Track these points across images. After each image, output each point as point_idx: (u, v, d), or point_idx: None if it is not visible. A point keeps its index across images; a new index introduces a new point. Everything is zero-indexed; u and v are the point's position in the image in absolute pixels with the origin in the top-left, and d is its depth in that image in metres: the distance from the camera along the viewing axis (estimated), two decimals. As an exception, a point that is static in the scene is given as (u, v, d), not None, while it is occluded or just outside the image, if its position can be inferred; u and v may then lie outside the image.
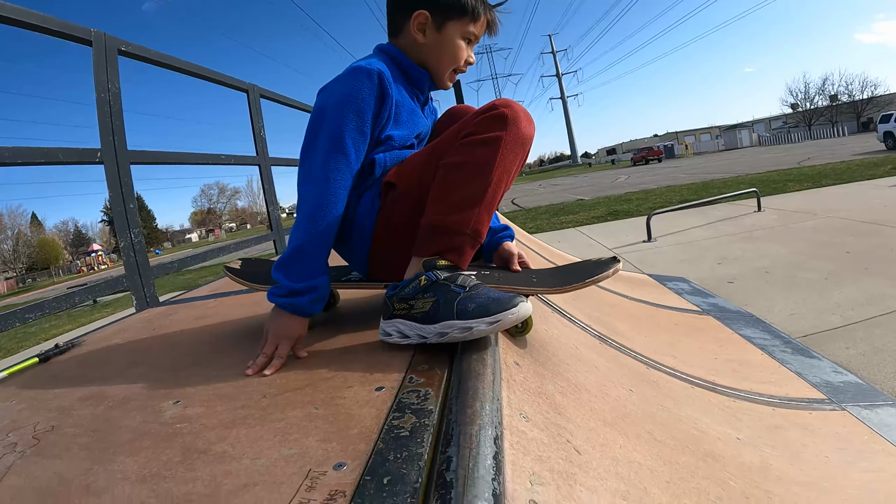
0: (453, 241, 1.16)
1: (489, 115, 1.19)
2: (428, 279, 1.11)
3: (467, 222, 1.15)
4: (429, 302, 1.09)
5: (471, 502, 0.55)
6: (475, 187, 1.16)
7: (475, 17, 1.43)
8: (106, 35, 2.67)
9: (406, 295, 1.12)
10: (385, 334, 1.15)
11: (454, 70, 1.49)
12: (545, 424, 0.92)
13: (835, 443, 1.80)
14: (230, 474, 0.67)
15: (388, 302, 1.16)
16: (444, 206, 1.17)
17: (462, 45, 1.45)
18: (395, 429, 0.72)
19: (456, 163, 1.19)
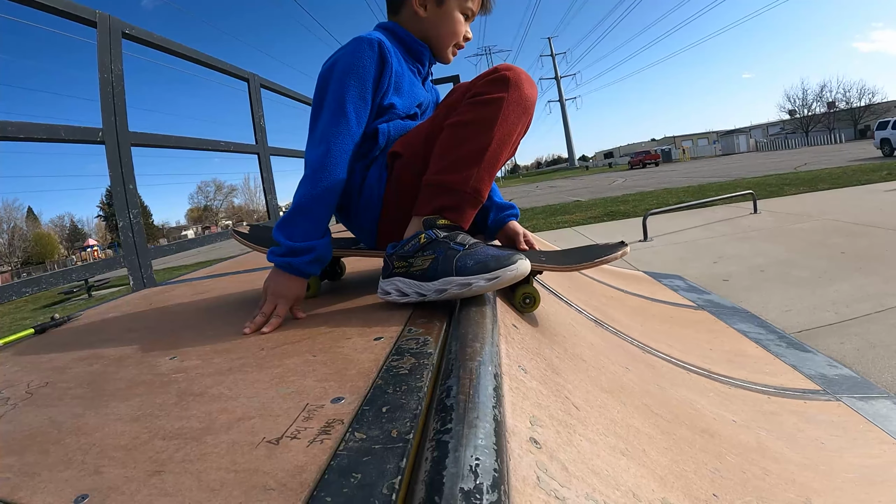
0: (453, 200, 1.16)
1: (492, 78, 1.19)
2: (427, 237, 1.11)
3: (467, 181, 1.15)
4: (428, 259, 1.09)
5: (473, 423, 0.54)
6: (476, 146, 1.15)
7: None
8: (111, 17, 2.68)
9: (405, 253, 1.12)
10: (384, 293, 1.15)
11: (455, 45, 1.53)
12: (543, 379, 0.93)
13: (830, 430, 1.82)
14: (225, 411, 0.67)
15: (387, 260, 1.16)
16: (444, 163, 1.17)
17: (461, 19, 1.48)
18: (393, 368, 0.72)
19: (459, 122, 1.19)
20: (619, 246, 1.37)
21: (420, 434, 0.56)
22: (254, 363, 0.86)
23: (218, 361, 0.91)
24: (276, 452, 0.54)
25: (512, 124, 1.18)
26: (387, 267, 1.17)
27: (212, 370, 0.86)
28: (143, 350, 1.12)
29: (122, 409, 0.76)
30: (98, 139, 2.51)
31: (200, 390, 0.77)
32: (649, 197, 14.60)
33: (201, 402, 0.73)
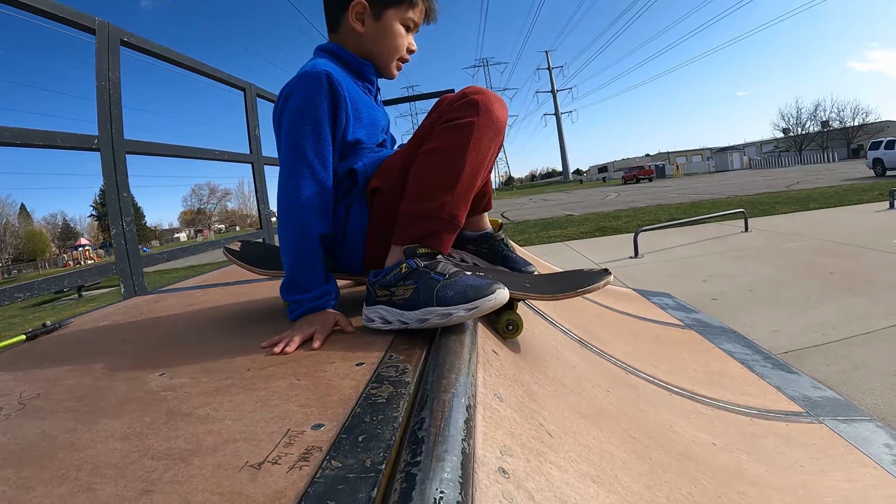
0: (431, 226, 1.18)
1: (462, 102, 1.21)
2: (409, 267, 1.14)
3: (443, 207, 1.17)
4: (409, 289, 1.11)
5: (441, 456, 0.57)
6: (450, 171, 1.18)
7: (412, 4, 1.45)
8: (109, 25, 2.70)
9: (387, 282, 1.15)
10: (368, 320, 1.17)
11: (400, 59, 1.51)
12: (519, 407, 0.95)
13: (811, 453, 1.83)
14: (212, 433, 0.70)
15: (370, 289, 1.19)
16: (420, 190, 1.20)
17: (402, 31, 1.47)
18: (372, 396, 0.75)
19: (431, 148, 1.22)
20: (603, 274, 1.40)
21: (392, 465, 0.58)
22: (240, 384, 0.88)
23: (206, 380, 0.93)
24: (258, 477, 0.57)
25: (485, 147, 1.21)
26: (370, 295, 1.19)
27: (199, 389, 0.89)
28: (133, 364, 1.14)
29: (114, 426, 0.78)
30: (94, 146, 2.54)
31: (188, 410, 0.80)
32: (641, 213, 14.67)
33: (189, 422, 0.75)
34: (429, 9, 1.49)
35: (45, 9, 2.32)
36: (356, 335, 1.15)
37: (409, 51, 1.52)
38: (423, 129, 1.30)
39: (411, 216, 1.19)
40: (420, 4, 1.46)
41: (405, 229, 1.20)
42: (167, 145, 3.25)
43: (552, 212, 20.77)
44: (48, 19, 2.40)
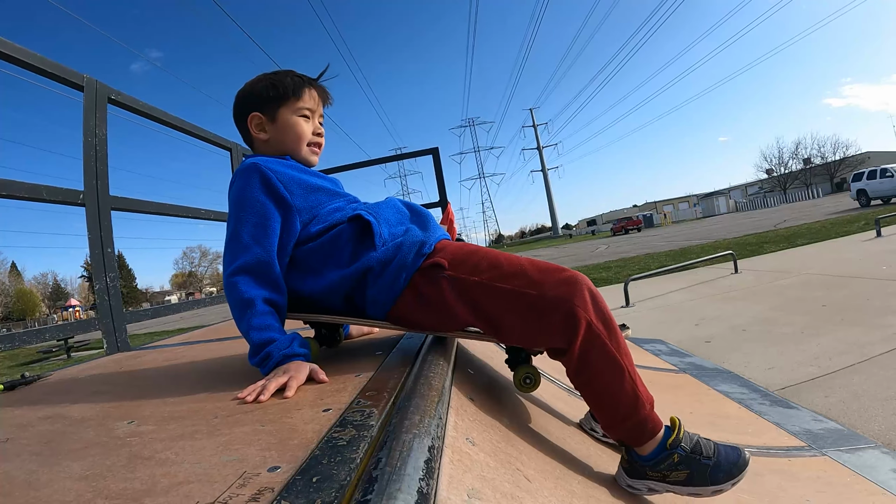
0: (647, 421, 1.22)
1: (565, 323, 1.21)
2: (680, 455, 1.21)
3: (640, 407, 1.22)
4: (683, 473, 1.21)
5: (393, 495, 0.56)
6: (614, 379, 1.21)
7: (298, 95, 1.52)
8: (97, 82, 2.76)
9: (662, 469, 1.22)
10: (631, 489, 1.27)
11: (310, 145, 1.58)
12: (494, 451, 0.95)
13: (816, 486, 1.82)
14: (168, 475, 0.70)
15: (637, 466, 1.24)
16: (614, 417, 1.25)
17: (301, 121, 1.54)
18: (334, 440, 0.74)
19: (586, 381, 1.25)
20: (621, 329, 1.42)
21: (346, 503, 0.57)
22: (205, 430, 0.88)
23: (172, 427, 0.93)
24: None
25: (618, 340, 1.23)
26: (636, 470, 1.25)
27: (164, 435, 0.89)
28: (104, 413, 1.14)
29: (74, 468, 0.78)
30: (79, 201, 2.56)
31: (150, 454, 0.80)
32: (631, 262, 14.69)
33: (148, 465, 0.75)
34: (319, 93, 1.59)
35: (35, 64, 2.37)
36: (328, 383, 1.16)
37: (316, 134, 1.59)
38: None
39: (632, 429, 1.24)
40: (306, 92, 1.54)
41: (639, 436, 1.24)
42: (152, 202, 3.27)
43: (543, 267, 20.63)
44: (37, 74, 2.45)
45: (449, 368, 1.24)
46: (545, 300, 1.19)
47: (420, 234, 1.39)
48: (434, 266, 1.31)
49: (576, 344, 1.18)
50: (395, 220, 1.45)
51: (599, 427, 1.65)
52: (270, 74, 1.57)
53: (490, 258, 1.30)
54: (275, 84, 1.52)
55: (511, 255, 1.31)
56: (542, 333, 1.23)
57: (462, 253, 1.34)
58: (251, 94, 1.54)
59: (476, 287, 1.26)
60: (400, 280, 1.32)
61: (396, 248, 1.34)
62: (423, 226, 1.46)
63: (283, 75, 1.55)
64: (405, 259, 1.33)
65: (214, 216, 3.97)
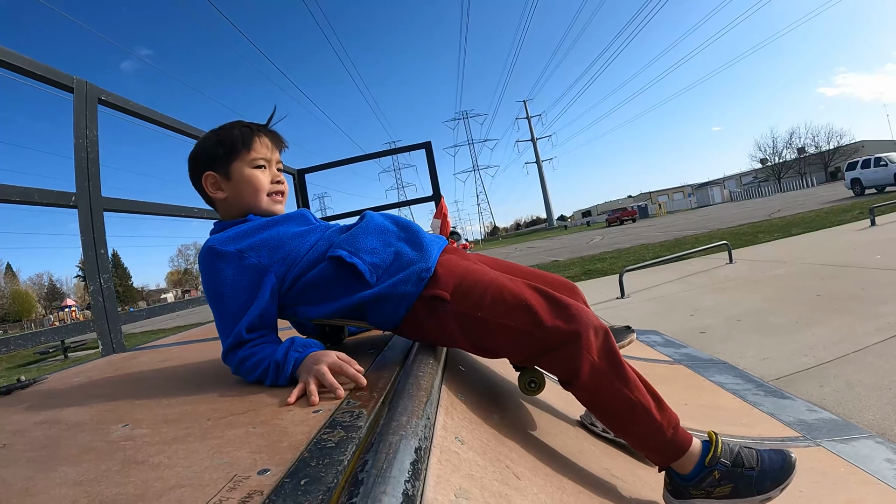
0: (670, 444, 1.23)
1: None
2: (720, 471, 1.21)
3: (665, 429, 1.22)
4: (727, 488, 1.21)
5: (378, 497, 0.57)
6: (624, 414, 1.22)
7: (249, 147, 1.46)
8: (87, 83, 2.75)
9: (704, 487, 1.22)
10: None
11: (270, 195, 1.51)
12: (483, 449, 0.96)
13: (810, 477, 1.80)
14: (161, 479, 0.71)
15: (679, 486, 1.25)
16: (637, 442, 1.29)
17: (256, 173, 1.48)
18: (322, 441, 0.75)
19: (608, 415, 1.26)
20: (626, 332, 1.43)
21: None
22: (198, 433, 0.89)
23: (166, 430, 0.94)
24: None
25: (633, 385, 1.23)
26: (678, 491, 1.25)
27: (158, 439, 0.90)
28: (99, 417, 1.15)
29: (70, 474, 0.79)
30: (71, 203, 2.55)
31: (143, 458, 0.81)
32: (626, 253, 14.66)
33: (141, 469, 0.76)
34: (271, 139, 1.52)
35: (25, 67, 2.36)
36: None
37: (276, 182, 1.53)
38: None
39: (654, 455, 1.27)
40: (256, 142, 1.48)
41: (666, 459, 1.26)
42: (144, 203, 3.27)
43: (538, 259, 20.71)
44: (26, 77, 2.44)
45: (439, 367, 1.25)
46: (549, 340, 1.19)
47: (414, 256, 1.36)
48: (435, 298, 1.29)
49: (581, 381, 1.18)
50: (381, 246, 1.39)
51: (599, 422, 1.67)
52: (217, 130, 1.51)
53: (493, 291, 1.27)
54: (222, 139, 1.47)
55: (515, 287, 1.28)
56: (546, 366, 1.25)
57: (465, 283, 1.30)
58: (201, 153, 1.50)
59: (479, 322, 1.25)
60: (401, 310, 1.31)
61: (393, 285, 1.31)
62: (414, 244, 1.41)
63: (230, 128, 1.49)
64: (404, 291, 1.30)
65: (207, 215, 3.96)
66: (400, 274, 1.32)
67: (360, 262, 1.32)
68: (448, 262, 1.38)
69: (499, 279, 1.31)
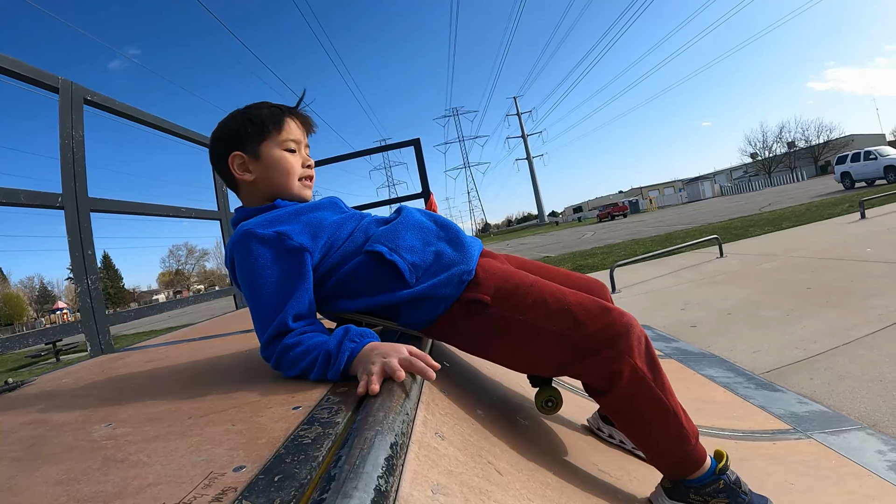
0: (691, 455, 1.24)
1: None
2: (725, 483, 1.24)
3: (690, 437, 1.23)
4: (722, 502, 1.23)
5: (348, 493, 0.58)
6: (658, 420, 1.23)
7: (279, 127, 1.40)
8: (73, 83, 2.75)
9: (706, 493, 1.24)
10: None
11: (300, 179, 1.45)
12: (464, 445, 0.97)
13: (801, 470, 1.82)
14: (139, 477, 0.72)
15: (682, 487, 1.26)
16: (657, 453, 1.29)
17: (287, 155, 1.41)
18: (299, 438, 0.76)
19: (630, 423, 1.29)
20: None
21: (304, 502, 0.59)
22: (178, 432, 0.89)
23: (147, 429, 0.95)
24: None
25: (656, 371, 1.23)
26: (679, 491, 1.26)
27: (139, 438, 0.90)
28: (84, 417, 1.15)
29: (51, 473, 0.80)
30: (57, 204, 2.55)
31: (123, 457, 0.82)
32: (617, 248, 14.70)
33: (121, 468, 0.77)
34: (301, 121, 1.47)
35: (8, 67, 2.35)
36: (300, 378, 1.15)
37: (306, 166, 1.47)
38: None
39: (670, 465, 1.27)
40: (288, 123, 1.42)
41: (680, 470, 1.26)
42: (132, 203, 3.26)
43: (529, 255, 20.53)
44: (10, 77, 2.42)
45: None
46: (589, 343, 1.18)
47: (455, 257, 1.33)
48: (476, 301, 1.27)
49: (619, 387, 1.18)
50: (420, 244, 1.34)
51: (606, 427, 1.69)
52: (243, 110, 1.44)
53: (535, 294, 1.26)
54: (251, 119, 1.40)
55: (555, 291, 1.27)
56: (582, 373, 1.23)
57: (507, 286, 1.28)
58: (227, 132, 1.41)
59: (520, 325, 1.23)
60: (437, 312, 1.29)
61: (433, 286, 1.28)
62: (455, 244, 1.37)
63: (259, 107, 1.42)
64: (444, 293, 1.28)
65: (196, 214, 3.96)
66: (441, 275, 1.29)
67: (400, 261, 1.28)
68: (487, 264, 1.37)
69: (539, 283, 1.30)
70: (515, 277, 1.32)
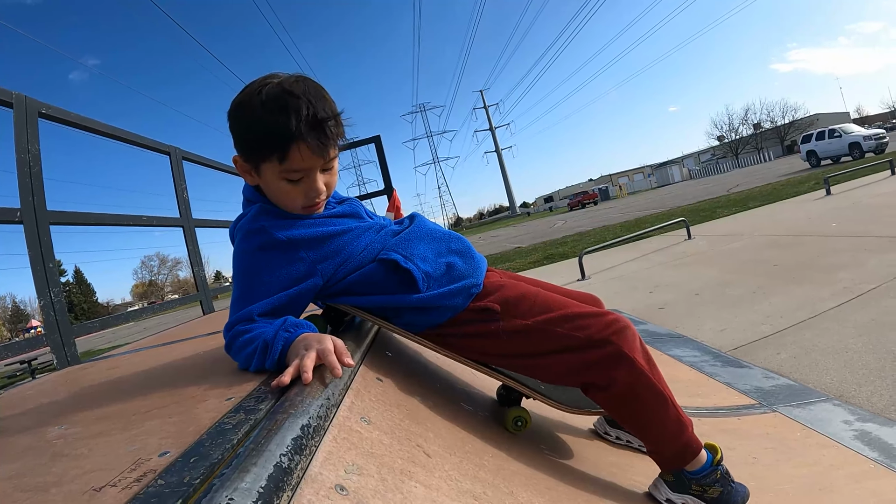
0: (686, 448, 1.33)
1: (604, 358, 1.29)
2: (721, 472, 1.34)
3: (684, 430, 1.32)
4: (717, 491, 1.32)
5: (246, 468, 0.63)
6: (659, 409, 1.31)
7: (284, 156, 1.19)
8: (27, 98, 2.74)
9: (705, 482, 1.32)
10: (669, 502, 1.37)
11: (304, 206, 1.31)
12: (392, 429, 1.01)
13: (765, 443, 1.86)
14: (78, 468, 0.76)
15: (684, 479, 1.34)
16: (656, 442, 1.36)
17: (287, 188, 1.26)
18: (223, 425, 0.81)
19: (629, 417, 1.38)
20: None
21: (209, 480, 0.64)
22: (121, 427, 0.94)
23: (94, 427, 0.98)
24: (95, 497, 0.64)
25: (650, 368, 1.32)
26: (682, 483, 1.34)
27: (86, 435, 0.94)
28: (43, 422, 1.17)
29: (4, 471, 0.84)
30: (16, 219, 2.55)
31: (69, 452, 0.85)
32: (587, 236, 14.85)
33: (65, 461, 0.81)
34: (317, 145, 1.21)
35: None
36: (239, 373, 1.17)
37: (312, 195, 1.29)
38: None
39: (674, 454, 1.34)
40: (294, 152, 1.19)
41: (682, 459, 1.34)
42: (92, 214, 3.28)
43: (501, 247, 20.80)
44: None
45: (359, 352, 1.30)
46: (593, 342, 1.27)
47: (465, 269, 1.38)
48: (485, 310, 1.34)
49: (621, 380, 1.27)
50: (433, 255, 1.37)
51: (612, 431, 1.77)
52: (259, 104, 1.18)
53: (540, 302, 1.35)
54: (254, 130, 1.21)
55: (557, 299, 1.38)
56: (584, 373, 1.31)
57: (514, 295, 1.37)
58: (233, 123, 1.24)
59: (528, 330, 1.32)
60: (443, 319, 1.35)
61: (442, 296, 1.32)
62: (466, 257, 1.42)
63: (271, 114, 1.17)
64: (454, 303, 1.34)
65: (157, 222, 3.96)
66: (451, 286, 1.34)
67: (415, 269, 1.30)
68: (493, 277, 1.46)
69: (541, 292, 1.40)
70: (520, 288, 1.41)
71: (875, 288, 4.12)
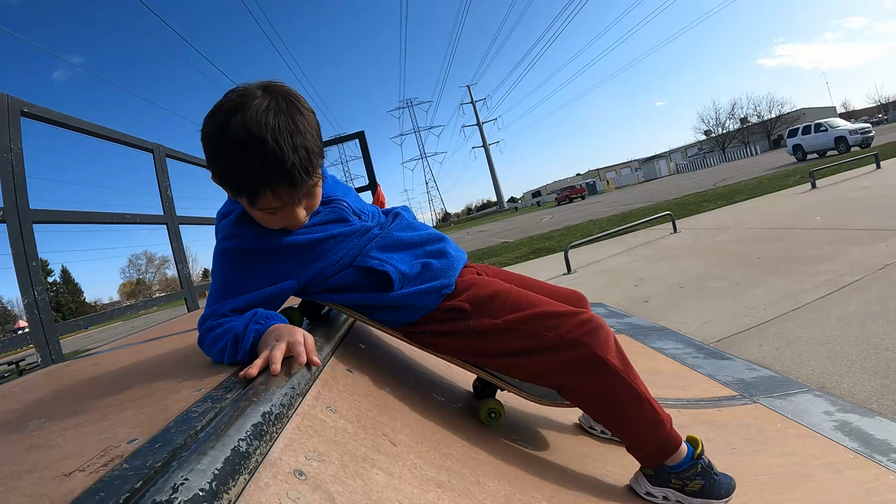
0: (665, 444, 1.35)
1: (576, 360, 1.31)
2: (702, 466, 1.36)
3: (662, 428, 1.34)
4: (699, 484, 1.34)
5: (203, 451, 0.66)
6: (634, 409, 1.33)
7: (252, 199, 1.17)
8: (8, 96, 2.75)
9: (685, 476, 1.35)
10: (649, 495, 1.38)
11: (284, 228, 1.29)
12: (358, 419, 1.04)
13: (745, 434, 1.88)
14: (52, 456, 0.79)
15: (663, 474, 1.37)
16: (636, 440, 1.38)
17: (264, 216, 1.23)
18: (191, 413, 0.84)
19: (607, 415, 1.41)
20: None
21: (170, 463, 0.67)
22: (96, 419, 0.96)
23: (72, 422, 1.00)
24: (64, 482, 0.67)
25: (623, 365, 1.34)
26: (662, 477, 1.37)
27: (62, 427, 0.96)
28: (21, 417, 1.19)
29: None
30: (-1, 218, 2.53)
31: (44, 443, 0.88)
32: (574, 230, 14.86)
33: (40, 451, 0.84)
34: (289, 190, 1.17)
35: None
36: (214, 365, 1.19)
37: (293, 224, 1.28)
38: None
39: (653, 451, 1.36)
40: (265, 197, 1.16)
41: (660, 454, 1.36)
42: (76, 212, 3.28)
43: (488, 241, 20.78)
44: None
45: (330, 344, 1.33)
46: (564, 341, 1.29)
47: (439, 270, 1.39)
48: (455, 309, 1.36)
49: (593, 383, 1.30)
50: (410, 256, 1.39)
51: (598, 424, 1.79)
52: (229, 142, 1.11)
53: (512, 300, 1.37)
54: (221, 169, 1.17)
55: (531, 297, 1.39)
56: (557, 374, 1.33)
57: (484, 294, 1.38)
58: (204, 150, 1.18)
59: (497, 329, 1.33)
60: (414, 317, 1.38)
61: (413, 294, 1.35)
62: (442, 256, 1.43)
63: (243, 161, 1.11)
64: (425, 302, 1.37)
65: (141, 220, 3.96)
66: (423, 285, 1.36)
67: (392, 271, 1.32)
68: (468, 275, 1.47)
69: (513, 290, 1.41)
70: (494, 286, 1.42)
71: (858, 280, 4.16)
